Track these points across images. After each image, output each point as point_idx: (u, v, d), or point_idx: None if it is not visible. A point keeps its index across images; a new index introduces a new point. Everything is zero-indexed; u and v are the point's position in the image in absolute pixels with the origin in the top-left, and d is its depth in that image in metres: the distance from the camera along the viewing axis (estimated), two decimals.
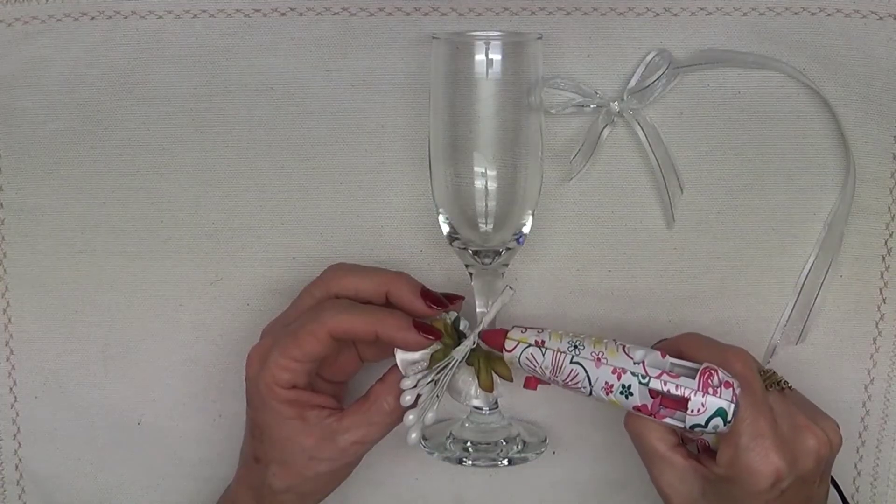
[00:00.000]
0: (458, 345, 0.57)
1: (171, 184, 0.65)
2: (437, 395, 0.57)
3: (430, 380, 0.56)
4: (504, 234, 0.59)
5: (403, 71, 0.63)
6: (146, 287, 0.67)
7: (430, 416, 0.57)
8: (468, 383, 0.59)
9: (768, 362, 0.66)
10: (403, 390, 0.56)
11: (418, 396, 0.56)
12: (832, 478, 0.59)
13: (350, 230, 0.65)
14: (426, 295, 0.58)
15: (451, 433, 0.62)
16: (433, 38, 0.58)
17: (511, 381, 0.58)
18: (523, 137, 0.58)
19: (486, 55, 0.56)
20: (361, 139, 0.64)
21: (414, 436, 0.56)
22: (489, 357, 0.59)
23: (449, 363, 0.57)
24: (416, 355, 0.57)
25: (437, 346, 0.57)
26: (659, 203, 0.64)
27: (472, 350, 0.58)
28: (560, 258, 0.65)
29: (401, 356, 0.57)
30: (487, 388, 0.58)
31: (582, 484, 0.69)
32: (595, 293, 0.65)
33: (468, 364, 0.58)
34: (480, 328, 0.58)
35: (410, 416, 0.56)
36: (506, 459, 0.60)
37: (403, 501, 0.69)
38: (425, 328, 0.56)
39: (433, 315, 0.58)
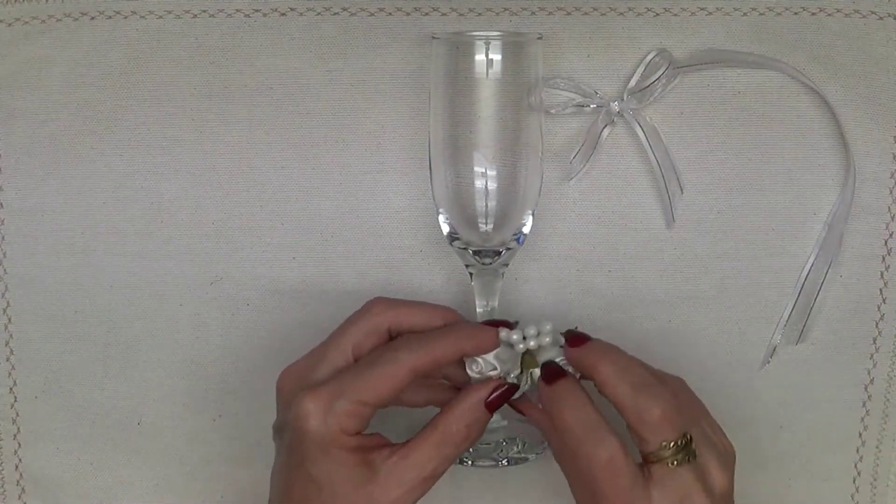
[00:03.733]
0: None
1: (171, 184, 0.65)
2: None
3: (500, 373, 0.55)
4: (504, 234, 0.59)
5: (403, 71, 0.63)
6: (146, 287, 0.66)
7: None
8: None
9: (768, 362, 0.66)
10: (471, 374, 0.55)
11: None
12: None
13: (350, 230, 0.65)
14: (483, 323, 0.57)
15: None
16: (433, 38, 0.58)
17: None
18: (523, 137, 0.58)
19: (486, 55, 0.56)
20: (361, 139, 0.64)
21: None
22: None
23: (536, 368, 0.55)
24: (488, 364, 0.56)
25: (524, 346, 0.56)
26: (659, 203, 0.64)
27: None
28: (560, 258, 0.65)
29: (475, 371, 0.56)
30: None
31: None
32: (595, 293, 0.65)
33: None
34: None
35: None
36: (506, 459, 0.60)
37: None
38: (495, 322, 0.55)
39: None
